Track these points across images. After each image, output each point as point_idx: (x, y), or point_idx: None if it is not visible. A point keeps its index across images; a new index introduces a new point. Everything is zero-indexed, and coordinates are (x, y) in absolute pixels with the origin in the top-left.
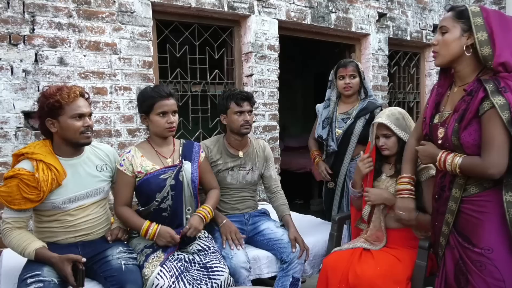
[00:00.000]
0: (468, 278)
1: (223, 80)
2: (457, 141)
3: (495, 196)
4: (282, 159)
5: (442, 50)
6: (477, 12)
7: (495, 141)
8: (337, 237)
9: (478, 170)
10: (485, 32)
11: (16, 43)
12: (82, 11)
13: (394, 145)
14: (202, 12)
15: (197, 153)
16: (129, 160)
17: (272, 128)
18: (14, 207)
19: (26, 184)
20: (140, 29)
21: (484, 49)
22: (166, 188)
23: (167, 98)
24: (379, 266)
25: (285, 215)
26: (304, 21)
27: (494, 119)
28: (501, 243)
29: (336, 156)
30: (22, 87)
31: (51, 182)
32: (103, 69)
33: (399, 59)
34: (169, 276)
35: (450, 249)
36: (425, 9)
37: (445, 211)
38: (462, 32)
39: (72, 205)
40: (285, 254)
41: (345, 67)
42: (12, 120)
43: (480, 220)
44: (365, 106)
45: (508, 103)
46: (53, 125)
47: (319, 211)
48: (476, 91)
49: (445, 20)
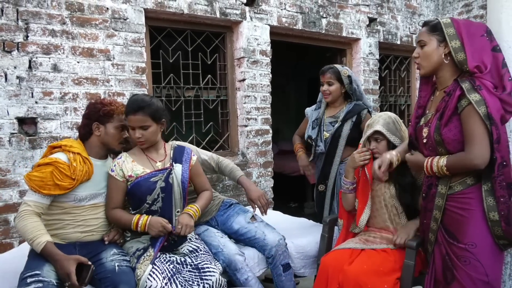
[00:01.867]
0: (453, 273)
1: (216, 85)
2: (438, 137)
3: (478, 193)
4: (276, 163)
5: (423, 61)
6: (449, 23)
7: (476, 134)
8: (328, 238)
9: (464, 163)
10: (457, 40)
11: (10, 50)
12: (75, 18)
13: (384, 149)
14: (194, 19)
15: (188, 156)
16: (119, 166)
17: (264, 132)
18: (44, 192)
19: (61, 172)
20: (133, 36)
21: (459, 55)
22: (156, 190)
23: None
24: (366, 264)
25: (239, 178)
26: (295, 26)
27: (472, 114)
28: (484, 239)
29: (325, 159)
30: (16, 94)
31: (85, 173)
32: (96, 75)
33: (390, 63)
34: (161, 278)
35: (438, 245)
36: (415, 14)
37: (432, 207)
38: (438, 43)
39: (89, 202)
40: (266, 252)
41: (323, 74)
42: (6, 126)
43: (464, 217)
44: (351, 109)
45: (483, 99)
46: (98, 129)
47: (313, 214)
48: (453, 90)
49: (422, 35)
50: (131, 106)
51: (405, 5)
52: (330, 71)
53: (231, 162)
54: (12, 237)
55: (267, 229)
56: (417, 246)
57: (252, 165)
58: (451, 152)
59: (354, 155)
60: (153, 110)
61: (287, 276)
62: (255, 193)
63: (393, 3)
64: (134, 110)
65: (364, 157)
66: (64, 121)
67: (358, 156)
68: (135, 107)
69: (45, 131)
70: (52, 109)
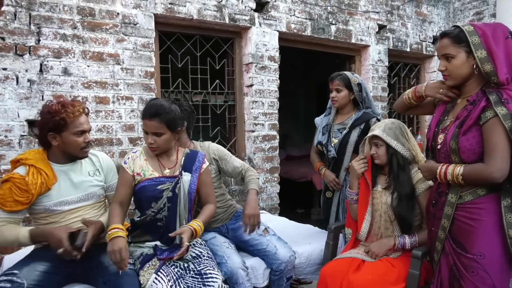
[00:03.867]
0: (461, 283)
1: (223, 90)
2: (455, 145)
3: (489, 204)
4: (283, 168)
5: (454, 74)
6: (472, 31)
7: (498, 148)
8: (333, 246)
9: (482, 175)
10: (483, 50)
11: (22, 53)
12: (86, 23)
13: (384, 154)
14: (203, 24)
15: (199, 163)
16: (133, 159)
17: (271, 138)
18: (6, 209)
19: (18, 187)
20: (143, 40)
21: (486, 66)
22: (163, 199)
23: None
24: (371, 275)
25: (249, 189)
26: (304, 32)
27: (497, 127)
28: (493, 250)
29: (333, 165)
30: (27, 96)
31: (40, 185)
32: (106, 79)
33: (399, 70)
34: (167, 280)
35: (445, 255)
36: (425, 21)
37: (441, 216)
38: (467, 55)
39: (64, 207)
40: (275, 266)
41: (332, 81)
42: (16, 129)
43: (474, 227)
44: (359, 117)
45: (510, 114)
46: (54, 139)
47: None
48: (478, 101)
49: (447, 48)
50: (148, 110)
51: (415, 12)
52: (339, 78)
53: (256, 175)
54: None
55: (279, 243)
56: (423, 256)
57: (259, 171)
58: (464, 161)
59: (353, 164)
60: (170, 119)
61: (286, 285)
62: (250, 210)
63: (403, 11)
64: (150, 115)
65: (364, 164)
66: None
67: (356, 164)
68: (152, 112)
69: None
70: None
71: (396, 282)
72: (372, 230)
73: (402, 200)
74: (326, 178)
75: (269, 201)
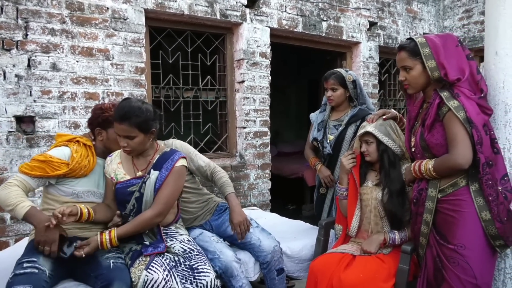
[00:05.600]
0: (443, 274)
1: (215, 86)
2: (423, 142)
3: (469, 195)
4: (275, 165)
5: (413, 83)
6: (424, 43)
7: (458, 137)
8: (323, 241)
9: (449, 164)
10: (433, 60)
11: (9, 48)
12: (75, 18)
13: (375, 151)
14: (195, 20)
15: (172, 162)
16: (107, 164)
17: (263, 134)
18: (33, 173)
19: (52, 167)
20: (133, 36)
21: (435, 73)
22: (132, 201)
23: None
24: (362, 272)
25: (227, 194)
26: (295, 29)
27: (453, 119)
28: (474, 241)
29: (328, 162)
30: (15, 92)
31: (82, 167)
32: (95, 75)
33: (390, 67)
34: (162, 270)
35: (430, 248)
36: (415, 19)
37: (423, 211)
38: (423, 66)
39: (87, 198)
40: (261, 258)
41: (326, 80)
42: (3, 125)
43: (456, 218)
44: (355, 113)
45: (461, 105)
46: (100, 134)
47: (311, 216)
48: (433, 99)
49: (405, 60)
50: (117, 113)
51: (406, 9)
52: (333, 77)
53: (226, 176)
54: (8, 236)
55: (263, 235)
56: (412, 250)
57: (250, 167)
58: (437, 156)
59: (342, 160)
60: (141, 121)
61: (280, 279)
62: (237, 218)
63: (394, 8)
64: (120, 119)
65: (352, 160)
66: (62, 120)
67: (345, 160)
68: (121, 115)
69: (43, 129)
70: (50, 108)
71: (386, 279)
72: (362, 225)
73: (393, 196)
74: (321, 173)
75: (261, 198)
